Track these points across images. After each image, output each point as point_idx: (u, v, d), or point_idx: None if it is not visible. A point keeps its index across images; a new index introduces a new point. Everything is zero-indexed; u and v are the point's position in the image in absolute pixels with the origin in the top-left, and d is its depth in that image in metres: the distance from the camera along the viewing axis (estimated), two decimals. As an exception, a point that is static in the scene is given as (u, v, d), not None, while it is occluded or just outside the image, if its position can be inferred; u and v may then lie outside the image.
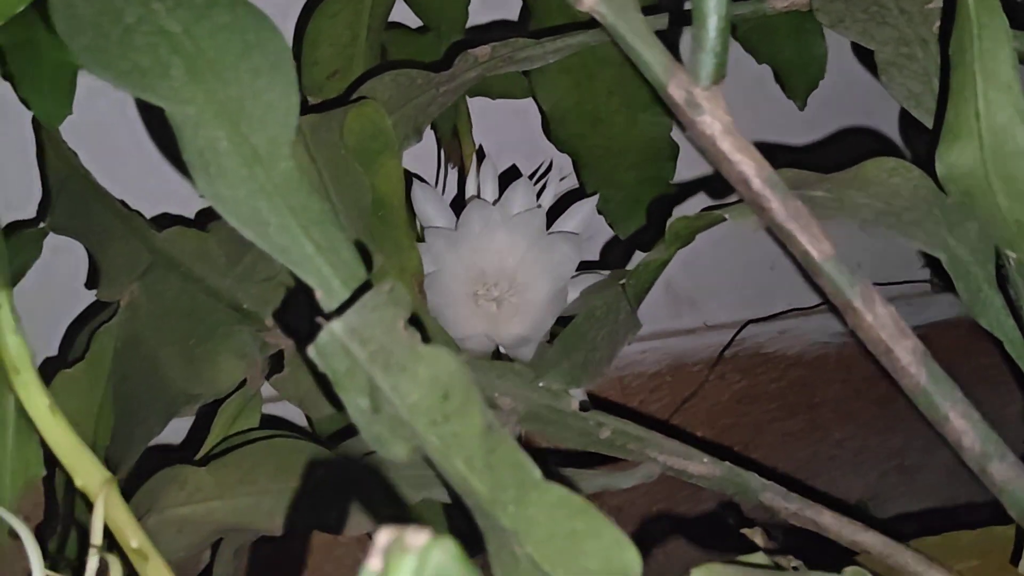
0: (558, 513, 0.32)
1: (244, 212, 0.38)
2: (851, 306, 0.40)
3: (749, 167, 0.40)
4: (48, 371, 0.53)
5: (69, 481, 0.41)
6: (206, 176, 0.38)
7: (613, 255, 0.83)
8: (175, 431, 0.67)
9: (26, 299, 0.66)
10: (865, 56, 0.55)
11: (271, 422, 0.64)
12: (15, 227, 0.66)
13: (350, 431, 0.63)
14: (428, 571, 0.25)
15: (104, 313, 0.63)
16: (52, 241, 0.65)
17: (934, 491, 1.02)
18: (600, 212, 0.74)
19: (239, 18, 0.40)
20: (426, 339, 0.36)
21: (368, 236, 0.57)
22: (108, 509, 0.40)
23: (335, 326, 0.35)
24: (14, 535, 0.40)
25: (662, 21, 0.60)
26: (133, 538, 0.40)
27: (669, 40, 0.48)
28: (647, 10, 0.56)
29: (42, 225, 0.66)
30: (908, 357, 0.40)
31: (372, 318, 0.35)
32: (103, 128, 0.68)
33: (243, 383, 0.62)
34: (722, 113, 0.40)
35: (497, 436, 0.33)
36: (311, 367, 0.37)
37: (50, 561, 0.41)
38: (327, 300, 0.38)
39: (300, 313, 0.60)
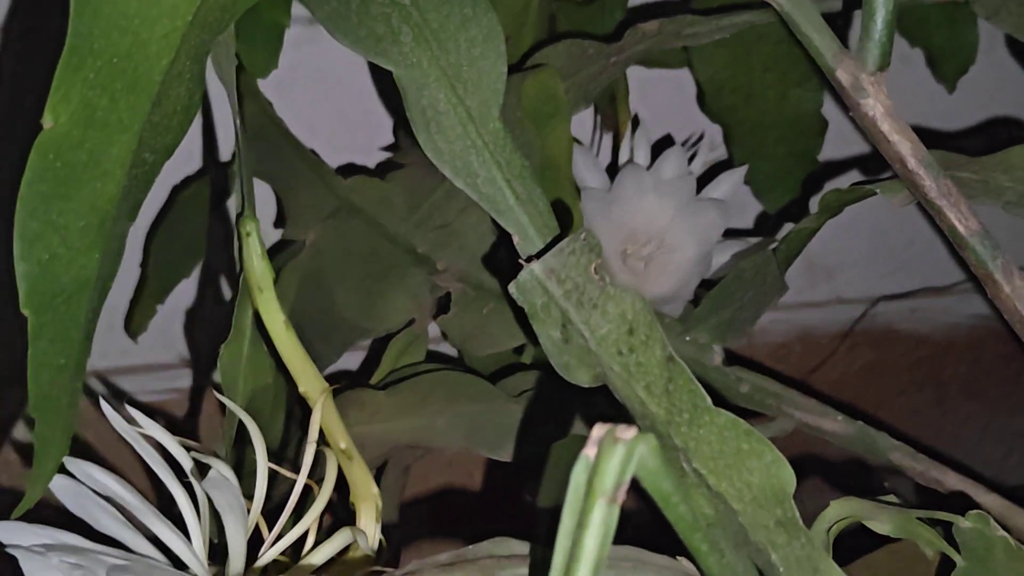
0: (726, 434, 0.38)
1: (458, 164, 0.43)
2: (992, 278, 0.44)
3: (906, 147, 0.44)
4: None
5: (292, 389, 0.48)
6: (426, 132, 0.43)
7: (765, 225, 0.87)
8: (350, 360, 0.74)
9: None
10: (1018, 48, 0.58)
11: (432, 358, 0.69)
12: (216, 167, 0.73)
13: (502, 373, 0.69)
14: (633, 459, 0.30)
15: (289, 250, 0.68)
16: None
17: (1058, 472, 1.04)
18: (747, 183, 0.78)
19: (461, -7, 0.45)
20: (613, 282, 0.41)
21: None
22: (323, 414, 0.47)
23: (535, 266, 0.40)
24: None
25: (835, 3, 0.63)
26: (342, 440, 0.47)
27: (838, 23, 0.53)
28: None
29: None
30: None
31: (568, 261, 0.40)
32: (296, 83, 0.73)
33: (411, 322, 0.68)
34: (884, 97, 0.45)
35: (676, 367, 0.39)
36: (510, 302, 0.43)
37: (273, 457, 0.47)
38: (524, 245, 0.43)
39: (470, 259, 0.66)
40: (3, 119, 0.70)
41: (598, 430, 0.31)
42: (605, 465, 0.30)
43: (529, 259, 0.41)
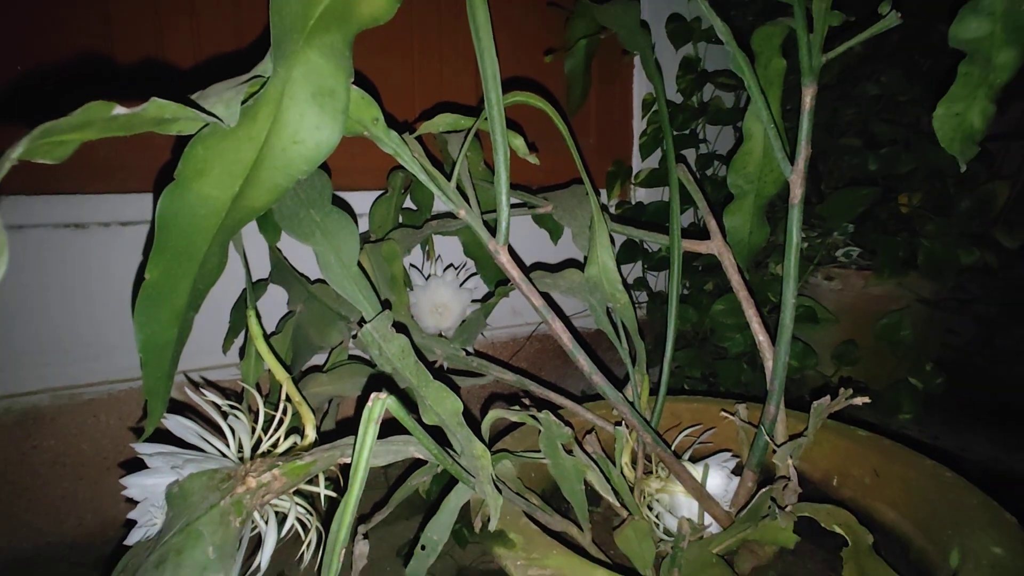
0: (438, 390, 0.40)
1: (339, 283, 0.43)
2: (548, 321, 0.48)
3: (515, 274, 0.48)
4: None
5: (273, 378, 0.47)
6: (328, 271, 0.43)
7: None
8: (319, 358, 0.72)
9: (262, 309, 0.71)
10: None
11: (353, 358, 0.68)
12: (260, 282, 0.70)
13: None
14: (385, 404, 0.32)
15: (290, 313, 0.66)
16: (272, 288, 0.70)
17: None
18: (483, 280, 0.81)
19: (339, 216, 0.45)
20: (400, 331, 0.43)
21: (387, 290, 0.63)
22: (287, 388, 0.46)
23: (368, 327, 0.42)
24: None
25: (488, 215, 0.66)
26: (295, 397, 0.47)
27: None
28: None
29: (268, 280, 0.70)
30: (565, 338, 0.49)
31: (380, 323, 0.42)
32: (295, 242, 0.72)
33: (341, 342, 0.68)
34: (507, 255, 0.48)
35: (419, 365, 0.40)
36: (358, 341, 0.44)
37: (271, 406, 0.46)
38: (366, 316, 0.44)
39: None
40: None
41: (373, 395, 0.33)
42: (374, 408, 0.32)
43: (365, 323, 0.42)
